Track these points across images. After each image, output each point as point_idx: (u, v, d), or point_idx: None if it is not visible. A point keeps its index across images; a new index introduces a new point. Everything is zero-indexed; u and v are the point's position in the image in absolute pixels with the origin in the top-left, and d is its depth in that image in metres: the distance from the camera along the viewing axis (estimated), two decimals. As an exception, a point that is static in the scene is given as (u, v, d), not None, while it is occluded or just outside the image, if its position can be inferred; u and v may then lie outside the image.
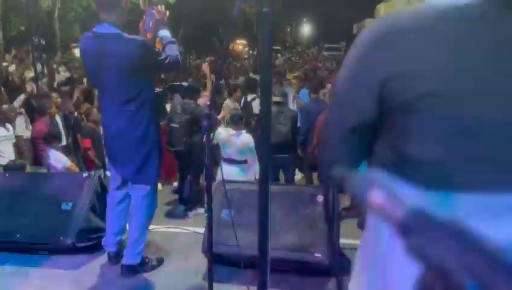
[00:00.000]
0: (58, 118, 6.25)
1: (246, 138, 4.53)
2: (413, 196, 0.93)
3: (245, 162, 4.52)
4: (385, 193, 0.53)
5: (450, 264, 0.42)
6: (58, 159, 5.03)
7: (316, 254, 3.00)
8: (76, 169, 5.24)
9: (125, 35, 2.94)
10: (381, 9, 22.45)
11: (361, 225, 4.18)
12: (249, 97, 6.71)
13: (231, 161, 4.42)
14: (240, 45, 30.51)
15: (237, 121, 4.53)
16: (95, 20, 3.14)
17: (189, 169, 5.22)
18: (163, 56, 2.97)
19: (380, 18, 1.05)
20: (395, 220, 0.48)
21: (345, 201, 4.75)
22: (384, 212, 0.50)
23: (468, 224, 0.46)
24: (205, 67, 6.46)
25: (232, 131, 4.52)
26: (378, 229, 1.03)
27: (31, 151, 6.11)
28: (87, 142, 5.86)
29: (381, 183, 0.50)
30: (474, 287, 0.42)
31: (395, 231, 0.49)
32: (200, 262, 3.08)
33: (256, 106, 6.71)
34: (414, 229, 0.48)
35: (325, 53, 30.00)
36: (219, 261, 2.92)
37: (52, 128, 5.60)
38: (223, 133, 4.52)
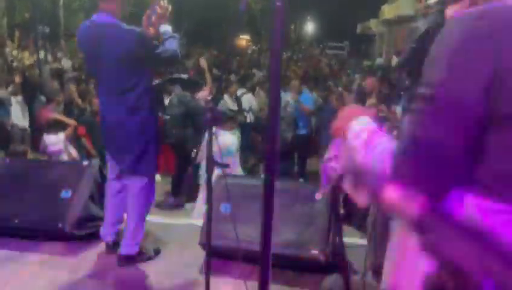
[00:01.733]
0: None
1: (225, 139, 4.28)
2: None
3: (226, 166, 4.26)
4: (402, 190, 0.53)
5: (465, 263, 0.42)
6: (54, 142, 5.03)
7: (313, 251, 3.02)
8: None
9: (123, 25, 2.95)
10: (386, 10, 22.43)
11: (360, 227, 4.18)
12: (239, 92, 6.71)
13: None
14: (243, 40, 30.42)
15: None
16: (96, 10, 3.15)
17: (186, 161, 5.23)
18: (161, 49, 2.97)
19: (475, 10, 0.89)
20: (411, 217, 0.49)
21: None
22: (400, 210, 0.51)
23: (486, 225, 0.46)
24: (203, 62, 6.42)
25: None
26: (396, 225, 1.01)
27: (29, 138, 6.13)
28: (81, 130, 5.88)
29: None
30: (490, 287, 0.42)
31: (411, 228, 0.49)
32: (197, 254, 3.09)
33: (246, 101, 6.70)
34: (430, 227, 0.48)
35: (329, 52, 29.93)
36: (216, 254, 2.93)
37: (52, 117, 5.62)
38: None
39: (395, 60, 11.37)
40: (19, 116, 6.73)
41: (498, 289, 0.44)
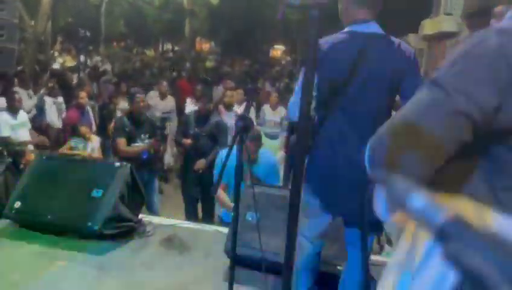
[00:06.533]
0: (89, 108, 6.53)
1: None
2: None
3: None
4: (425, 199, 0.52)
5: (488, 274, 0.41)
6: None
7: (339, 267, 2.96)
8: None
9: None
10: (427, 25, 22.04)
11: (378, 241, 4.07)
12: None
13: None
14: (278, 50, 30.54)
15: None
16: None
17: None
18: None
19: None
20: (434, 226, 0.47)
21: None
22: (423, 219, 0.49)
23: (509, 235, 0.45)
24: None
25: None
26: (416, 237, 1.00)
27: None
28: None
29: (420, 190, 0.49)
30: None
31: (433, 238, 0.48)
32: (221, 262, 3.09)
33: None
34: (453, 236, 0.46)
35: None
36: (240, 263, 2.92)
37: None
38: None
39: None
40: (53, 118, 6.90)
41: None
